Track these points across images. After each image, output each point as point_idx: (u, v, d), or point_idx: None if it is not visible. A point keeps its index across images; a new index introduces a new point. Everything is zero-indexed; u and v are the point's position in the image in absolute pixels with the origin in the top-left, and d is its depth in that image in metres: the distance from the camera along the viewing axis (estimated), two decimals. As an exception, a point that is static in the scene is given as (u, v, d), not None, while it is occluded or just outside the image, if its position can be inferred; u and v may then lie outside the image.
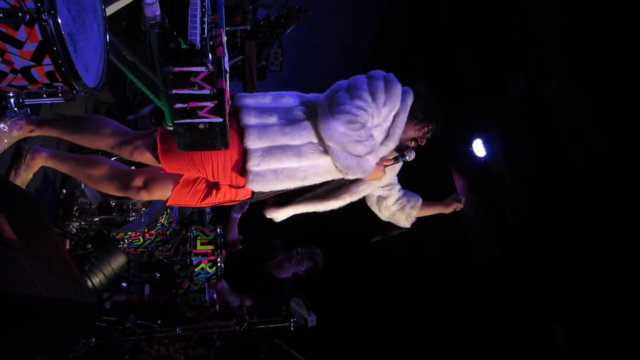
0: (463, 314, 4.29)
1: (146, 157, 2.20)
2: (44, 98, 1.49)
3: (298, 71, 5.94)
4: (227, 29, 3.76)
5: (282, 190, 2.27)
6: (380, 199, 2.58)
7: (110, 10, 2.58)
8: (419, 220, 2.68)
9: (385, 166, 2.27)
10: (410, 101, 2.24)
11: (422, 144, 2.35)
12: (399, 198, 2.58)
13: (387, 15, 6.13)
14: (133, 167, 2.43)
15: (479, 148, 4.09)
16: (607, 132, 3.16)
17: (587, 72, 3.22)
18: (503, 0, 3.83)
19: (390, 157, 2.32)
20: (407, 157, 2.29)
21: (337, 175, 2.23)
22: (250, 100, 2.24)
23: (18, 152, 2.33)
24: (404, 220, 2.63)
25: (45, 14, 1.28)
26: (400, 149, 2.33)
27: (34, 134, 2.32)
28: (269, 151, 2.11)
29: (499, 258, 3.96)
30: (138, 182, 2.30)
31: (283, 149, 2.11)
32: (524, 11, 3.52)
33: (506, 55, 3.74)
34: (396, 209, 2.59)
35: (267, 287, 3.73)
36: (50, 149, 2.43)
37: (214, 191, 2.30)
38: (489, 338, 4.03)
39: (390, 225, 2.73)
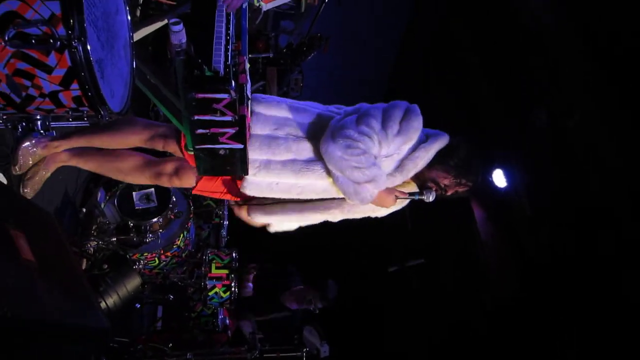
0: (480, 350, 4.17)
1: (176, 149, 2.23)
2: (70, 122, 1.51)
3: (318, 97, 5.98)
4: (250, 56, 3.82)
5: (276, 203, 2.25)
6: None
7: (138, 35, 2.65)
8: (437, 251, 2.59)
9: (398, 197, 2.15)
10: (438, 145, 2.11)
11: (447, 194, 2.20)
12: None
13: (406, 43, 6.18)
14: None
15: (499, 178, 4.04)
16: (630, 165, 3.09)
17: (610, 106, 3.18)
18: (523, 34, 3.82)
19: (407, 191, 2.19)
20: (424, 197, 2.13)
21: (335, 196, 2.17)
22: (263, 107, 2.17)
23: (13, 155, 2.26)
24: None
25: (76, 40, 1.30)
26: (421, 187, 2.20)
27: (59, 149, 2.36)
28: (267, 164, 2.08)
29: (518, 294, 3.84)
30: (169, 169, 2.34)
31: (283, 164, 2.08)
32: (545, 48, 3.50)
33: (528, 88, 3.71)
34: None
35: (279, 317, 3.69)
36: (71, 149, 2.39)
37: (234, 191, 2.31)
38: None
39: (407, 256, 2.67)
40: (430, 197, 2.13)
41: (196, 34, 1.83)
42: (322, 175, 2.07)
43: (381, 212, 2.30)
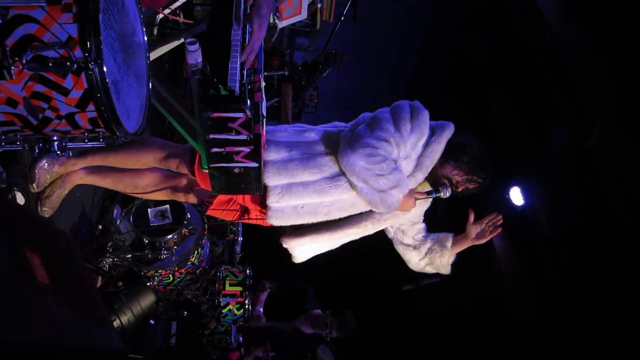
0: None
1: (188, 171, 2.24)
2: (86, 142, 1.52)
3: (333, 113, 5.98)
4: (265, 73, 3.84)
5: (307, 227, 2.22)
6: (406, 251, 2.42)
7: (155, 54, 2.68)
8: (455, 270, 2.52)
9: (417, 199, 2.14)
10: (447, 134, 2.13)
11: (458, 190, 2.19)
12: (426, 253, 2.39)
13: (423, 59, 6.16)
14: None
15: (516, 196, 3.97)
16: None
17: (631, 124, 3.11)
18: (543, 48, 3.77)
19: (424, 191, 2.19)
20: (441, 194, 2.14)
21: (364, 209, 2.14)
22: (271, 135, 2.18)
23: (30, 174, 2.28)
24: (437, 270, 2.44)
25: (92, 63, 1.31)
26: (435, 184, 2.19)
27: (76, 167, 2.39)
28: (288, 188, 2.06)
29: (534, 317, 3.74)
30: (185, 184, 2.35)
31: (305, 185, 2.06)
32: (565, 64, 3.44)
33: (547, 103, 3.66)
34: (425, 263, 2.42)
35: (293, 339, 3.64)
36: (88, 166, 2.41)
37: (246, 215, 2.31)
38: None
39: (422, 275, 2.61)
40: (446, 193, 2.14)
41: (212, 53, 1.83)
42: (347, 189, 2.04)
43: (408, 214, 2.28)
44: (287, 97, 4.56)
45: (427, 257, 2.40)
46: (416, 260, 2.42)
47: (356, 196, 2.06)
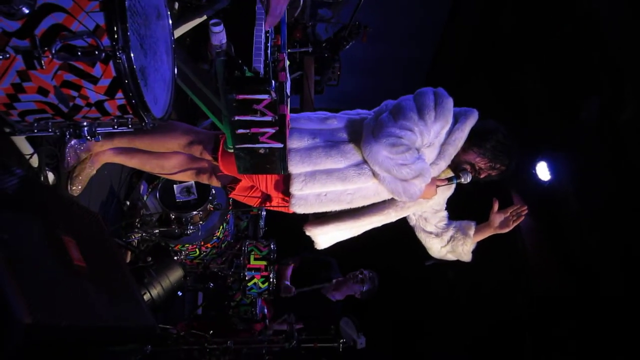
0: (516, 346, 4.08)
1: (211, 158, 2.26)
2: (115, 129, 1.54)
3: (355, 85, 5.92)
4: (289, 50, 3.79)
5: (330, 214, 2.23)
6: (428, 238, 2.41)
7: (178, 33, 2.66)
8: (478, 245, 2.50)
9: (438, 186, 2.14)
10: (471, 121, 2.10)
11: (480, 177, 2.17)
12: (448, 240, 2.39)
13: (448, 29, 5.99)
14: None
15: (543, 171, 3.90)
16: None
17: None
18: (577, 16, 3.61)
19: (444, 177, 2.18)
20: (462, 179, 2.12)
21: (387, 197, 2.14)
22: (294, 123, 2.18)
23: (61, 154, 2.34)
24: (458, 257, 2.43)
25: (120, 51, 1.32)
26: (456, 170, 2.17)
27: (104, 148, 2.44)
28: (312, 175, 2.06)
29: (557, 293, 3.72)
30: (209, 168, 2.38)
31: (328, 173, 2.06)
32: (600, 32, 3.29)
33: (578, 75, 3.53)
34: (447, 251, 2.41)
35: (319, 309, 3.72)
36: (115, 147, 2.47)
37: (268, 202, 2.33)
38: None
39: None
40: (467, 179, 2.12)
41: (235, 29, 1.82)
42: (370, 177, 2.04)
43: (431, 202, 2.28)
44: (309, 70, 4.51)
45: (449, 244, 2.39)
46: (438, 247, 2.42)
47: (379, 184, 2.05)
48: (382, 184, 2.02)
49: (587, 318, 3.45)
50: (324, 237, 2.33)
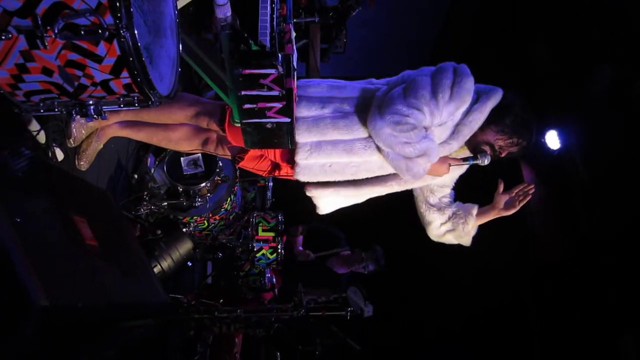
0: (522, 316, 4.14)
1: (218, 128, 2.25)
2: (121, 107, 1.53)
3: (361, 52, 5.81)
4: (295, 20, 3.69)
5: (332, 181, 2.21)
6: (428, 212, 2.35)
7: (181, 3, 2.60)
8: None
9: (451, 165, 2.09)
10: (492, 102, 2.00)
11: (501, 156, 2.09)
12: (449, 217, 2.33)
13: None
14: None
15: (552, 140, 3.85)
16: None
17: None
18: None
19: (460, 157, 2.11)
20: (479, 161, 2.04)
21: (391, 172, 2.11)
22: (303, 90, 2.13)
23: (67, 129, 2.33)
24: (458, 239, 2.38)
25: (124, 30, 1.29)
26: (475, 151, 2.10)
27: (110, 122, 2.43)
28: (318, 145, 2.05)
29: (563, 262, 3.72)
30: (217, 138, 2.37)
31: (334, 144, 2.04)
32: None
33: (589, 42, 3.42)
34: (447, 229, 2.36)
35: (326, 280, 3.77)
36: (121, 121, 2.46)
37: (276, 170, 2.33)
38: (549, 347, 3.86)
39: None
40: (485, 161, 2.04)
41: (242, 7, 1.77)
42: (376, 151, 2.01)
43: (439, 179, 2.24)
44: (315, 38, 4.43)
45: (450, 221, 2.34)
46: (437, 224, 2.36)
47: (384, 159, 2.03)
48: (386, 159, 2.00)
49: (594, 288, 3.48)
50: (325, 200, 2.31)
